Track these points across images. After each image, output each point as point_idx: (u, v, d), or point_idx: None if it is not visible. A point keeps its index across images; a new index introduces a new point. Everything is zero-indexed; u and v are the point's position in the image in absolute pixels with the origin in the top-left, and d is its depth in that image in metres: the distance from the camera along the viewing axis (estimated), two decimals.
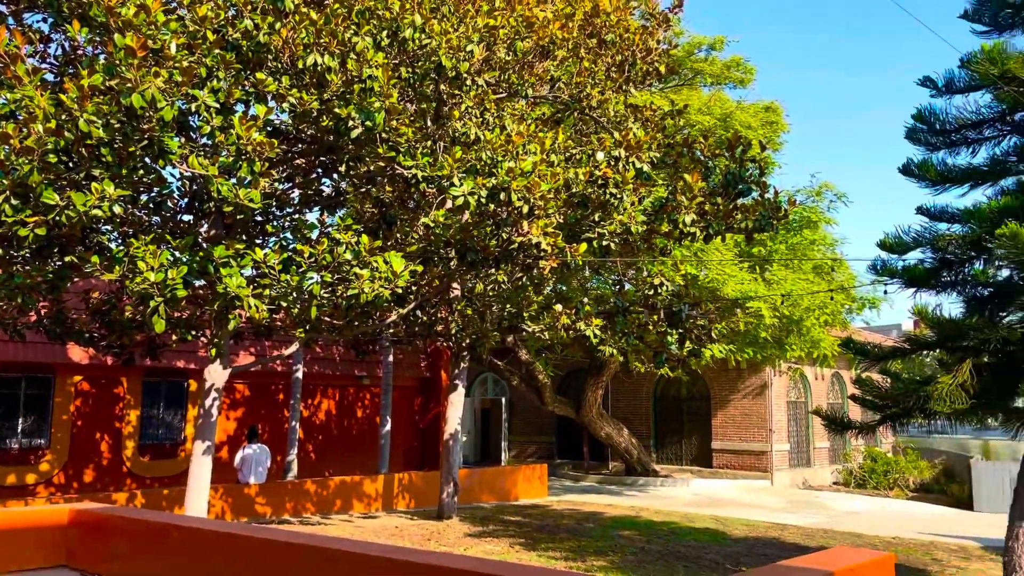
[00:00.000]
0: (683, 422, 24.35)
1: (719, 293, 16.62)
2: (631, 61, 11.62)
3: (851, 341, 9.54)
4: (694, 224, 11.01)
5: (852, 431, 9.59)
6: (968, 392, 7.92)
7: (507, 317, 13.59)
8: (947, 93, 8.95)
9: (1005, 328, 8.09)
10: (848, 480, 23.71)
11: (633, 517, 15.21)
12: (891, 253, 8.87)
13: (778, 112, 19.10)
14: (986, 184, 9.00)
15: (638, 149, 10.20)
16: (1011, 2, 8.41)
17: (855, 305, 19.48)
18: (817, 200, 18.93)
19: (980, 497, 18.73)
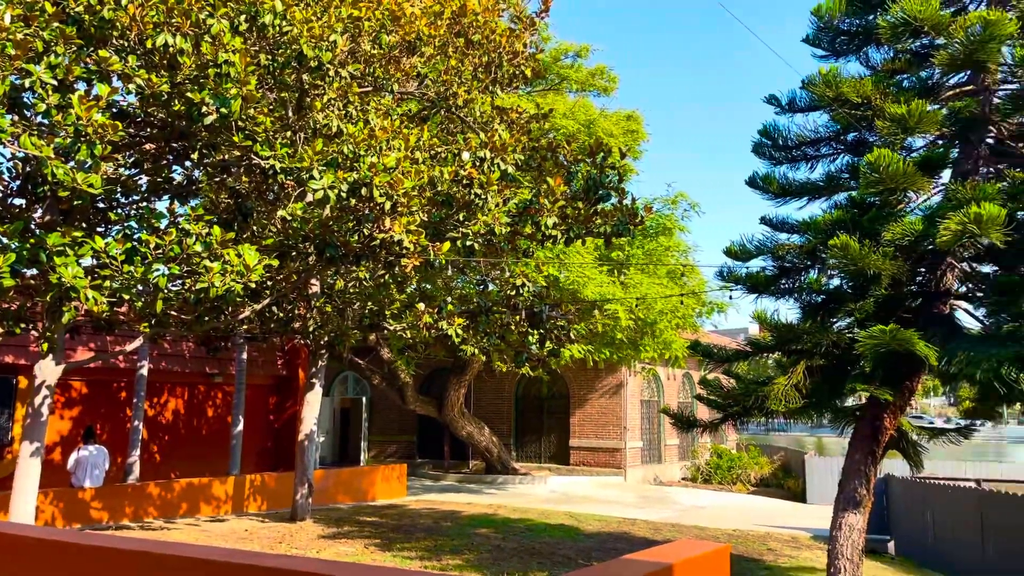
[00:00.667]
0: (543, 420, 24.80)
1: (579, 295, 17.03)
2: (498, 63, 11.70)
3: (698, 344, 10.00)
4: (556, 227, 11.21)
5: (698, 429, 10.06)
6: (801, 392, 8.46)
7: (368, 315, 13.38)
8: (790, 112, 9.55)
9: (835, 333, 8.71)
10: (696, 476, 24.87)
11: (491, 515, 15.34)
12: (736, 260, 9.36)
13: (639, 121, 19.80)
14: (822, 198, 9.66)
15: (503, 151, 10.28)
16: (846, 30, 9.07)
17: (705, 309, 20.46)
18: (672, 208, 19.75)
19: (812, 490, 20.10)
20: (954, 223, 7.07)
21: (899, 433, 9.46)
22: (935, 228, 7.44)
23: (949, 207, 7.51)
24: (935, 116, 7.75)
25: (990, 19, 6.95)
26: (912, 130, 7.73)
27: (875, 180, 7.43)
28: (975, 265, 8.97)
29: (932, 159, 8.27)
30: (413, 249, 9.24)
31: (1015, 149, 8.58)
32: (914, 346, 7.27)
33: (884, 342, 7.33)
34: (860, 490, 8.54)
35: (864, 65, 9.35)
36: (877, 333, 7.31)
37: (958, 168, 8.59)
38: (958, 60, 7.49)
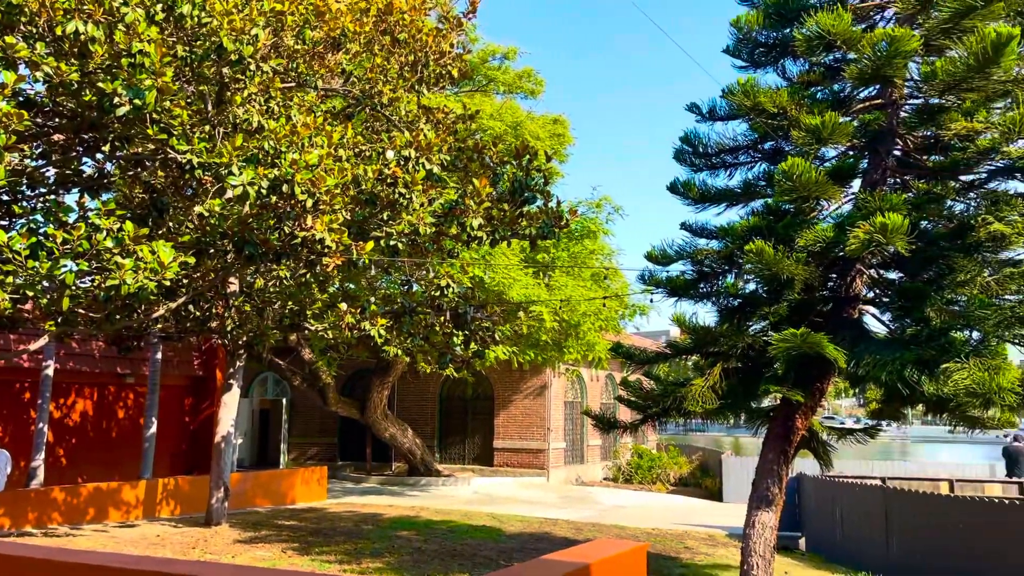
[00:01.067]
0: (467, 422, 24.77)
1: (504, 296, 17.07)
2: (424, 62, 11.64)
3: (620, 346, 10.15)
4: (481, 228, 11.22)
5: (619, 430, 10.21)
6: (718, 393, 8.67)
7: (289, 315, 13.12)
8: (710, 120, 9.77)
9: (750, 336, 8.96)
10: (617, 476, 25.23)
11: (413, 517, 15.23)
12: (657, 264, 9.52)
13: (565, 125, 19.97)
14: (740, 204, 9.91)
15: (428, 151, 10.24)
16: (764, 43, 9.34)
17: (627, 311, 20.78)
18: (597, 211, 20.00)
19: (729, 489, 20.63)
20: (862, 231, 7.35)
21: (810, 433, 9.79)
22: (845, 236, 7.72)
23: (858, 216, 7.80)
24: (847, 128, 8.05)
25: (895, 36, 7.26)
26: (825, 141, 8.00)
27: (789, 188, 7.67)
28: (882, 272, 9.35)
29: (843, 169, 8.58)
30: (335, 248, 9.10)
31: (920, 161, 8.98)
32: (824, 349, 7.53)
33: (796, 345, 7.56)
34: (772, 489, 8.80)
35: (781, 76, 9.64)
36: (789, 336, 7.54)
37: (867, 178, 8.93)
38: (867, 74, 7.79)
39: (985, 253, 8.02)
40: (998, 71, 7.27)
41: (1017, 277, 7.92)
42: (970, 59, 7.15)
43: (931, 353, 7.40)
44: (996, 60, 7.01)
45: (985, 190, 8.71)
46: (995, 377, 6.77)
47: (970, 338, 7.67)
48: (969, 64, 7.15)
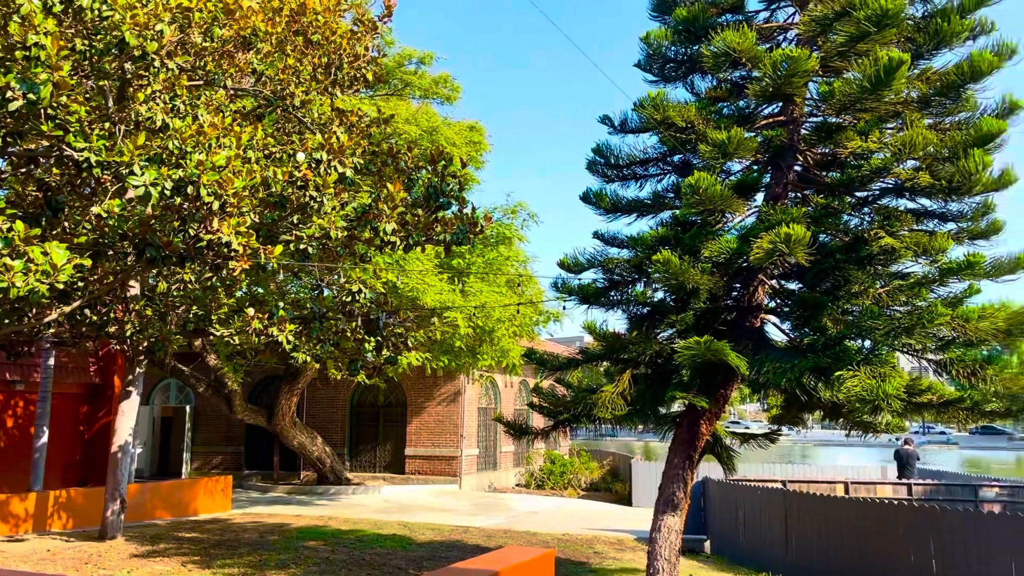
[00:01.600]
0: (379, 429, 24.49)
1: (418, 302, 16.97)
2: (338, 64, 11.48)
3: (533, 352, 10.22)
4: (395, 233, 11.11)
5: (531, 436, 10.27)
6: (627, 399, 8.84)
7: (193, 319, 12.71)
8: (622, 132, 9.97)
9: (658, 343, 9.17)
10: (530, 482, 25.38)
11: (321, 527, 14.94)
12: (569, 272, 9.65)
13: (481, 132, 20.03)
14: (650, 215, 10.16)
15: (341, 154, 10.09)
16: (673, 58, 9.60)
17: (541, 318, 20.96)
18: (512, 218, 20.12)
19: (638, 493, 21.03)
20: (766, 242, 7.62)
21: (714, 438, 10.08)
22: (748, 247, 8.00)
23: (761, 228, 8.09)
24: (751, 143, 8.35)
25: (795, 56, 7.57)
26: (730, 155, 8.28)
27: (696, 201, 7.89)
28: (783, 282, 9.73)
29: (747, 183, 8.90)
30: (243, 251, 8.86)
31: (819, 177, 9.38)
32: (727, 356, 7.77)
33: (700, 352, 7.78)
34: (678, 493, 9.02)
35: (690, 91, 9.94)
36: (694, 344, 7.75)
37: (770, 192, 9.28)
38: (769, 92, 8.10)
39: (877, 266, 8.43)
40: (890, 93, 7.67)
41: (906, 289, 8.34)
42: (865, 81, 7.52)
43: (827, 361, 7.73)
44: (888, 83, 7.39)
45: (878, 206, 9.17)
46: (883, 384, 7.11)
47: (862, 347, 8.05)
48: (864, 86, 7.52)
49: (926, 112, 8.80)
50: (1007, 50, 8.52)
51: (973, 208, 8.86)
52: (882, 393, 7.16)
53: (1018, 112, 8.26)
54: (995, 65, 8.07)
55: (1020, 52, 8.53)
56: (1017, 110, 8.25)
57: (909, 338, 7.99)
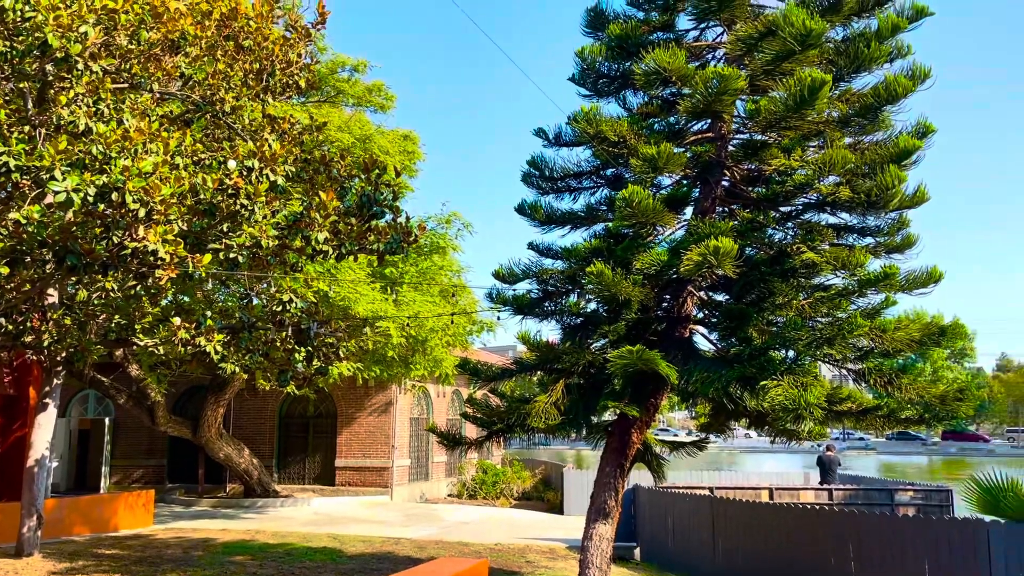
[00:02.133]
0: (309, 440, 24.09)
1: (350, 311, 16.78)
2: (270, 71, 11.32)
3: (467, 362, 10.24)
4: (327, 242, 10.99)
5: (464, 446, 10.28)
6: (560, 409, 8.93)
7: (115, 329, 12.31)
8: (556, 145, 10.10)
9: (591, 353, 9.30)
10: (462, 492, 25.31)
11: (248, 541, 14.61)
12: (504, 283, 9.71)
13: (415, 141, 19.98)
14: (583, 227, 10.30)
15: (273, 161, 9.95)
16: (607, 74, 9.77)
17: (475, 328, 20.97)
18: (446, 227, 20.10)
19: (570, 502, 21.18)
20: (695, 255, 7.82)
21: (645, 447, 10.26)
22: (678, 259, 8.19)
23: (691, 240, 8.29)
24: (680, 158, 8.55)
25: (724, 75, 7.81)
26: (661, 170, 8.47)
27: (628, 214, 8.05)
28: (711, 294, 9.98)
29: (676, 197, 9.11)
30: (170, 260, 8.64)
31: (745, 192, 9.67)
32: (658, 366, 7.93)
33: (632, 362, 7.93)
34: (609, 502, 9.14)
35: (622, 107, 10.13)
36: (626, 353, 7.89)
37: (698, 206, 9.52)
38: (698, 109, 8.32)
39: (800, 278, 8.74)
40: (812, 112, 7.97)
41: (827, 301, 8.66)
42: (789, 100, 7.80)
43: (752, 371, 7.97)
44: (811, 103, 7.68)
45: (801, 220, 9.50)
46: (805, 393, 7.37)
47: (786, 357, 8.33)
48: (788, 104, 7.80)
49: (846, 131, 9.17)
50: (921, 74, 8.94)
51: (889, 223, 9.26)
52: (804, 402, 7.42)
53: (931, 135, 8.68)
54: (910, 89, 8.47)
55: (933, 76, 8.99)
56: (930, 133, 8.66)
57: (830, 348, 8.31)
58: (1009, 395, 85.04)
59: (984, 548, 8.30)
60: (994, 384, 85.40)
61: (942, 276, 8.93)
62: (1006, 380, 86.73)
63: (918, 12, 9.13)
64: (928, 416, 8.94)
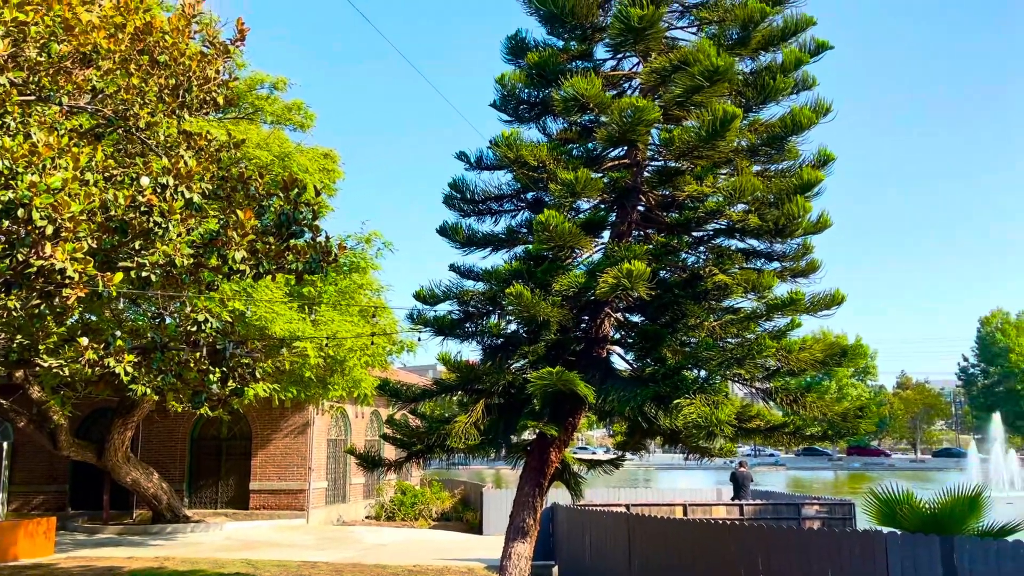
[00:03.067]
0: (222, 463, 23.43)
1: (267, 331, 16.49)
2: (187, 87, 11.11)
3: (387, 383, 10.21)
4: (244, 262, 10.81)
5: (382, 468, 10.23)
6: (479, 429, 9.01)
7: (17, 349, 11.80)
8: (478, 168, 10.25)
9: (511, 373, 9.42)
10: (380, 513, 25.00)
11: (156, 569, 14.12)
12: (425, 304, 9.76)
13: (335, 159, 19.85)
14: (504, 249, 10.45)
15: (189, 179, 9.76)
16: (527, 100, 9.99)
17: (395, 348, 20.86)
18: (366, 246, 19.99)
19: (489, 522, 21.18)
20: (611, 277, 8.05)
21: (563, 465, 10.42)
22: (595, 281, 8.41)
23: (607, 263, 8.53)
24: (597, 184, 8.80)
25: (640, 106, 8.10)
26: (579, 195, 8.70)
27: (547, 237, 8.23)
28: (628, 315, 10.25)
29: (594, 221, 9.36)
30: (78, 278, 8.37)
31: (660, 217, 10.00)
32: (576, 386, 8.10)
33: (551, 382, 8.08)
34: (528, 521, 9.25)
35: (542, 132, 10.35)
36: (545, 374, 8.04)
37: (615, 230, 9.79)
38: (615, 137, 8.60)
39: (711, 301, 9.08)
40: (723, 143, 8.34)
41: (736, 323, 9.03)
42: (701, 131, 8.14)
43: (666, 390, 8.23)
44: (721, 134, 8.04)
45: (713, 245, 9.87)
46: (716, 411, 7.65)
47: (698, 376, 8.63)
48: (700, 135, 8.14)
49: (755, 159, 9.61)
50: (823, 108, 9.47)
51: (795, 249, 9.71)
52: (715, 419, 7.70)
53: (832, 163, 9.18)
54: (813, 121, 8.95)
55: (834, 109, 9.53)
56: (831, 161, 9.17)
57: (740, 368, 8.65)
58: (908, 411, 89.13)
59: (882, 558, 8.73)
60: (894, 401, 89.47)
61: (844, 299, 9.43)
62: (905, 397, 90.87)
63: (819, 46, 9.68)
64: (832, 432, 9.39)
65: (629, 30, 8.57)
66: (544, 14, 9.55)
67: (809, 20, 9.54)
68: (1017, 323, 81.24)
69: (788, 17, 9.61)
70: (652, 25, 8.61)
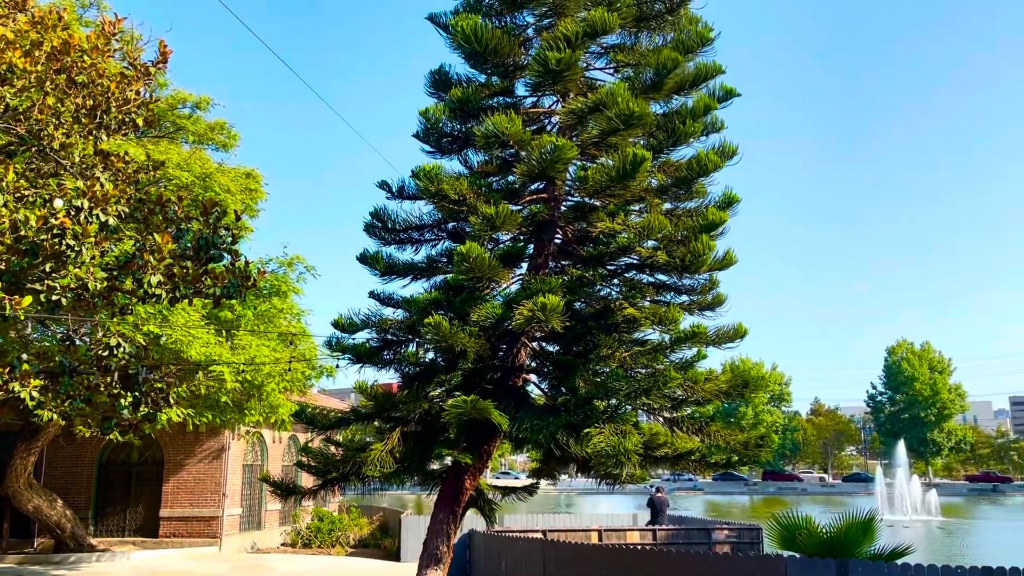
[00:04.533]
0: (131, 489, 22.67)
1: (183, 355, 16.16)
2: (105, 107, 10.98)
3: (303, 412, 10.22)
4: (160, 286, 10.68)
5: (299, 495, 10.20)
6: (395, 457, 9.11)
7: None
8: (400, 198, 10.42)
9: (428, 401, 9.56)
10: (296, 540, 24.55)
11: None
12: (344, 332, 9.83)
13: (258, 179, 19.64)
14: (424, 278, 10.62)
15: (105, 202, 9.64)
16: (450, 133, 10.24)
17: (314, 373, 20.67)
18: (288, 270, 19.82)
19: (407, 549, 21.06)
20: (526, 310, 8.31)
21: (478, 492, 10.57)
22: (512, 312, 8.66)
23: (524, 295, 8.80)
24: (517, 218, 9.09)
25: (557, 145, 8.44)
26: (499, 228, 8.96)
27: (465, 269, 8.46)
28: (544, 344, 10.53)
29: (512, 253, 9.63)
30: None
31: (576, 250, 10.34)
32: (491, 415, 8.31)
33: (467, 411, 8.26)
34: (442, 547, 9.36)
35: (463, 164, 10.61)
36: (461, 403, 8.22)
37: (533, 262, 10.08)
38: (534, 172, 8.91)
39: (622, 333, 9.43)
40: (634, 183, 8.73)
41: (645, 354, 9.39)
42: (613, 171, 8.52)
43: (578, 419, 8.51)
44: (632, 175, 8.44)
45: (625, 278, 10.26)
46: (624, 440, 7.95)
47: (608, 405, 8.94)
48: (612, 176, 8.52)
49: (665, 198, 10.07)
50: (729, 151, 10.01)
51: (702, 284, 10.18)
52: (623, 448, 8.00)
53: (736, 204, 9.69)
54: (719, 164, 9.46)
55: (740, 153, 10.08)
56: (735, 203, 9.68)
57: (647, 398, 9.01)
58: (820, 437, 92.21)
59: None
60: (807, 427, 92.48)
61: (747, 332, 9.92)
62: (817, 423, 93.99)
63: (728, 93, 10.24)
64: (735, 460, 9.82)
65: (547, 72, 8.93)
66: (468, 51, 9.84)
67: (718, 68, 10.10)
68: (920, 353, 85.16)
69: (700, 64, 10.16)
70: (569, 68, 8.98)
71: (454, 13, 10.35)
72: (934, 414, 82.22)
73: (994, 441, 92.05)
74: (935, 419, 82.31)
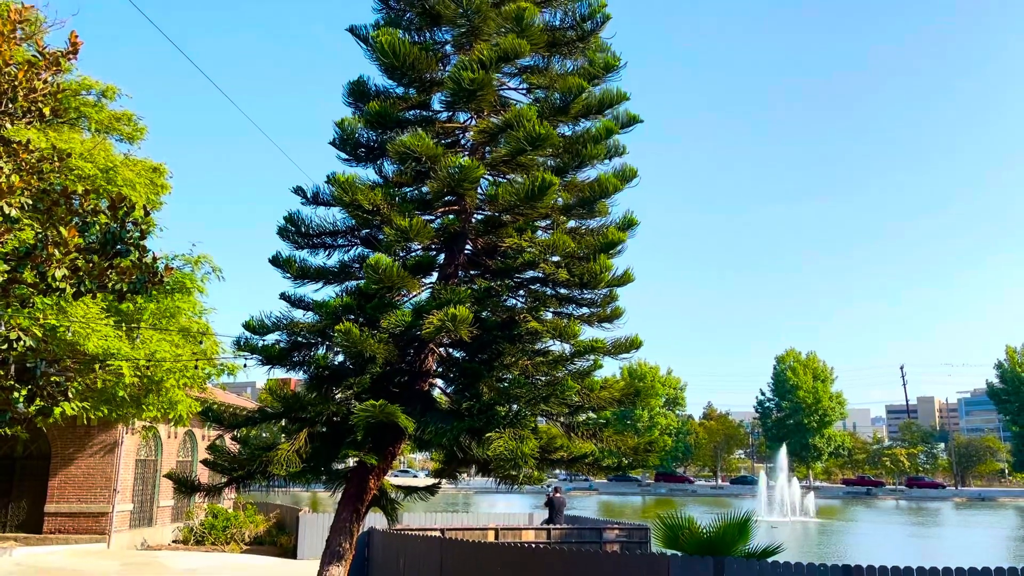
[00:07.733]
0: (14, 484, 21.85)
1: (80, 348, 15.82)
2: (11, 96, 10.78)
3: (211, 410, 10.33)
4: (65, 280, 10.58)
5: (202, 492, 10.30)
6: (302, 457, 9.37)
7: None
8: (314, 203, 10.65)
9: (336, 403, 9.85)
10: (188, 537, 24.16)
11: None
12: (255, 334, 10.00)
13: (164, 173, 19.31)
14: (336, 283, 10.88)
15: (10, 194, 9.52)
16: (365, 143, 10.55)
17: (215, 371, 20.46)
18: (194, 268, 19.56)
19: (304, 546, 21.12)
20: (436, 320, 8.72)
21: (381, 492, 10.92)
22: (421, 321, 9.06)
23: (434, 304, 9.21)
24: (429, 231, 9.49)
25: (464, 165, 8.91)
26: (411, 239, 9.35)
27: (376, 279, 8.82)
28: (451, 350, 10.96)
29: (424, 262, 10.03)
30: None
31: (485, 262, 10.82)
32: (397, 418, 8.68)
33: (374, 414, 8.61)
34: (344, 544, 9.68)
35: (378, 174, 10.92)
36: (369, 407, 8.57)
37: (443, 271, 10.50)
38: (444, 189, 9.34)
39: (525, 343, 9.97)
40: (541, 205, 9.28)
41: (547, 363, 9.96)
42: (521, 192, 9.04)
43: (480, 423, 8.99)
44: (539, 197, 8.98)
45: (530, 290, 10.80)
46: (521, 444, 8.48)
47: (510, 411, 9.46)
48: (520, 196, 9.03)
49: (569, 216, 10.66)
50: (630, 174, 10.69)
51: (602, 297, 10.82)
52: (521, 452, 8.53)
53: (635, 227, 10.38)
54: (618, 187, 10.12)
55: (640, 175, 10.78)
56: (634, 225, 10.36)
57: (547, 405, 9.58)
58: (711, 440, 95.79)
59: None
60: (700, 430, 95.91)
61: (641, 344, 10.62)
62: (709, 427, 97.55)
63: (631, 119, 10.93)
64: (626, 463, 10.51)
65: (461, 91, 9.37)
66: (386, 64, 10.17)
67: (623, 95, 10.77)
68: (806, 362, 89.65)
69: (605, 91, 10.80)
70: (483, 88, 9.44)
71: (375, 26, 10.66)
72: (816, 420, 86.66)
73: (870, 447, 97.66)
74: (817, 425, 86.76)
